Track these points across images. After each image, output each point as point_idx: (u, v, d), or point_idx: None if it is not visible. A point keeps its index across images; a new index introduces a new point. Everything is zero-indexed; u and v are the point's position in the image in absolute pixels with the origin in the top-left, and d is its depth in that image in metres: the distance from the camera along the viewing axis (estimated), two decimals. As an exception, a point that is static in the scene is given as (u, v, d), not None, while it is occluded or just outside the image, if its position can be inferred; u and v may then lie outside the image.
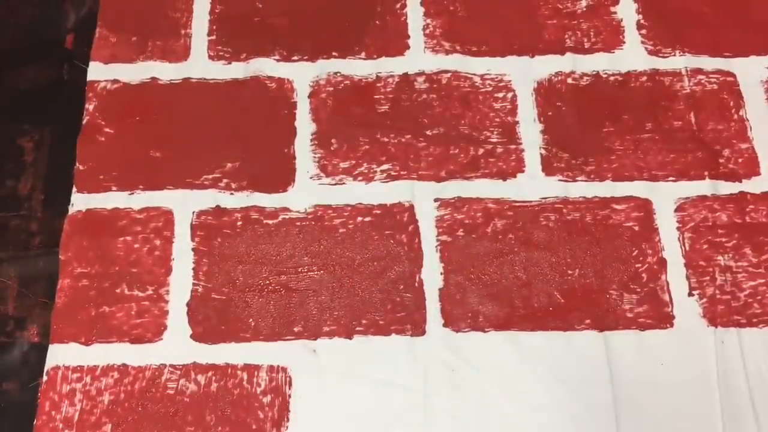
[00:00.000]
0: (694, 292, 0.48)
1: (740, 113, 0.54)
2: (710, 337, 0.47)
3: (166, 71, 0.56)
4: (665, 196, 0.51)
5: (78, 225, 0.51)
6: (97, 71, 0.56)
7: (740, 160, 0.53)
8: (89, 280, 0.49)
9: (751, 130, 0.54)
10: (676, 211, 0.51)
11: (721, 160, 0.53)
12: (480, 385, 0.46)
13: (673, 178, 0.52)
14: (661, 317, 0.48)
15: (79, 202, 0.51)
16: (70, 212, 0.51)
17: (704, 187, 0.52)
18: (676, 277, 0.49)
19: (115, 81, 0.55)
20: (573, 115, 0.54)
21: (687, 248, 0.50)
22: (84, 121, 0.54)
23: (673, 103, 0.54)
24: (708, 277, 0.49)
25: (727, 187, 0.52)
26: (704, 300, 0.48)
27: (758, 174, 0.52)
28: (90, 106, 0.54)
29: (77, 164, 0.52)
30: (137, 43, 0.57)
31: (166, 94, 0.55)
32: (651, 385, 0.45)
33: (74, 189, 0.52)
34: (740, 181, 0.52)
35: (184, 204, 0.51)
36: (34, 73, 0.56)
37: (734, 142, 0.53)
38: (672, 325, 0.48)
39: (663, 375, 0.46)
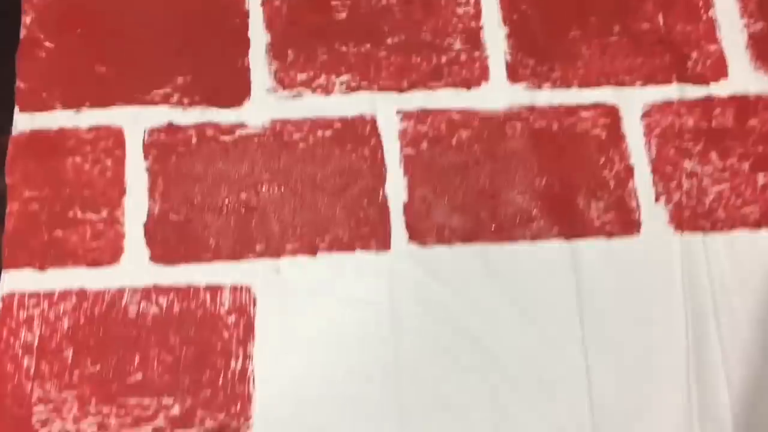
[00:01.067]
0: (660, 198, 0.48)
1: (709, 13, 0.53)
2: (676, 242, 0.47)
3: (107, -21, 0.52)
4: (632, 102, 0.50)
5: (23, 147, 0.48)
6: (33, -19, 0.52)
7: (708, 62, 0.52)
8: (39, 204, 0.47)
9: (719, 30, 0.52)
10: (642, 117, 0.50)
11: (688, 63, 0.51)
12: (446, 299, 0.46)
13: (641, 83, 0.51)
14: (628, 224, 0.48)
15: (23, 122, 0.49)
16: (13, 134, 0.48)
17: (671, 91, 0.51)
18: (643, 184, 0.48)
19: (53, -9, 0.52)
20: (538, 18, 0.52)
21: (654, 155, 0.49)
22: (22, 36, 0.50)
23: (642, 3, 0.53)
24: (674, 183, 0.49)
25: (694, 91, 0.51)
26: (670, 206, 0.48)
27: (725, 76, 0.51)
28: (27, 19, 0.51)
29: (18, 82, 0.49)
30: (74, -51, 0.53)
31: (109, 4, 0.51)
32: (617, 291, 0.45)
33: (16, 109, 0.49)
34: (707, 84, 0.51)
35: (135, 121, 0.49)
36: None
37: (702, 43, 0.52)
38: (639, 231, 0.47)
39: (629, 282, 0.46)
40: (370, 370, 0.44)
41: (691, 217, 0.48)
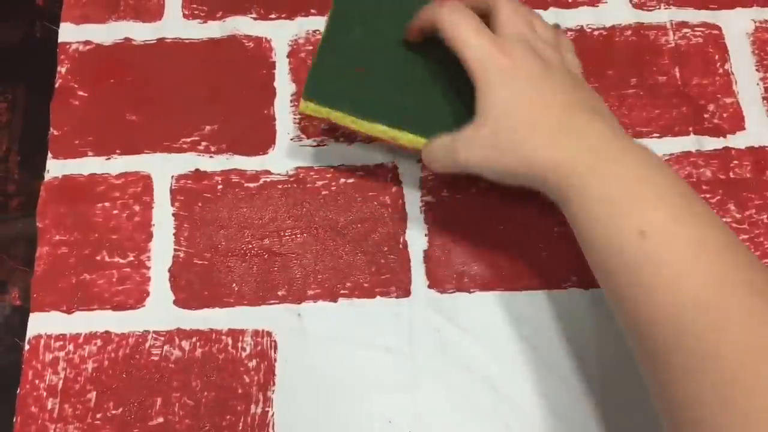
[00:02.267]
0: (678, 249, 0.48)
1: (725, 67, 0.54)
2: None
3: (139, 31, 0.54)
4: (650, 153, 0.51)
5: (54, 192, 0.49)
6: (69, 32, 0.54)
7: (725, 114, 0.52)
8: (68, 248, 0.48)
9: (736, 84, 0.53)
10: (660, 167, 0.51)
11: (705, 116, 0.52)
12: (466, 345, 0.46)
13: (658, 135, 0.52)
14: (645, 274, 0.48)
15: (55, 168, 0.50)
16: (45, 179, 0.50)
17: (689, 142, 0.51)
18: (661, 234, 0.49)
19: (88, 42, 0.54)
20: (557, 71, 0.53)
21: (672, 205, 0.50)
22: (57, 85, 0.52)
23: (658, 57, 0.54)
24: (692, 234, 0.49)
25: (711, 143, 0.52)
26: (689, 256, 0.48)
27: (743, 129, 0.52)
28: (62, 69, 0.53)
29: (51, 129, 0.51)
30: (109, 3, 0.55)
31: (140, 55, 0.53)
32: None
33: (49, 155, 0.50)
34: (725, 137, 0.52)
35: (163, 168, 0.50)
36: (5, 32, 0.54)
37: (719, 96, 0.53)
38: (656, 281, 0.48)
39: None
40: (390, 416, 0.44)
41: (710, 267, 0.48)
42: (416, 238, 0.49)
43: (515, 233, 0.49)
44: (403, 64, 0.45)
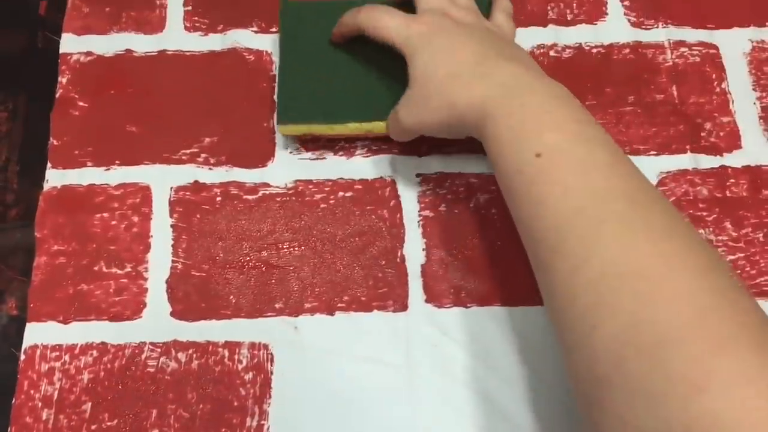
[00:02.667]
0: (675, 267, 0.49)
1: (722, 86, 0.54)
2: (691, 311, 0.47)
3: (141, 43, 0.54)
4: (647, 170, 0.50)
5: (53, 202, 0.50)
6: (70, 43, 0.54)
7: (722, 133, 0.53)
8: (66, 258, 0.48)
9: (733, 103, 0.54)
10: (657, 185, 0.51)
11: (702, 134, 0.53)
12: (463, 360, 0.46)
13: (655, 152, 0.52)
14: (642, 291, 0.48)
15: (54, 178, 0.50)
16: (44, 188, 0.50)
17: (686, 161, 0.52)
18: (658, 251, 0.49)
19: (89, 53, 0.54)
20: (555, 88, 0.54)
21: (668, 222, 0.50)
22: (57, 95, 0.52)
23: (656, 76, 0.54)
24: (689, 251, 0.49)
25: (708, 161, 0.52)
26: (685, 274, 0.48)
27: (739, 147, 0.52)
28: (63, 80, 0.53)
29: (51, 139, 0.51)
30: (111, 14, 0.55)
31: (141, 67, 0.54)
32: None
33: (49, 165, 0.50)
34: (721, 155, 0.52)
35: (162, 179, 0.50)
36: (7, 41, 0.54)
37: (716, 115, 0.53)
38: (653, 298, 0.48)
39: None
40: (386, 429, 0.44)
41: (706, 285, 0.48)
42: (414, 253, 0.49)
43: (513, 248, 0.49)
44: (356, 62, 0.50)
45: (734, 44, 0.55)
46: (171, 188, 0.50)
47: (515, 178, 0.39)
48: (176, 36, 0.55)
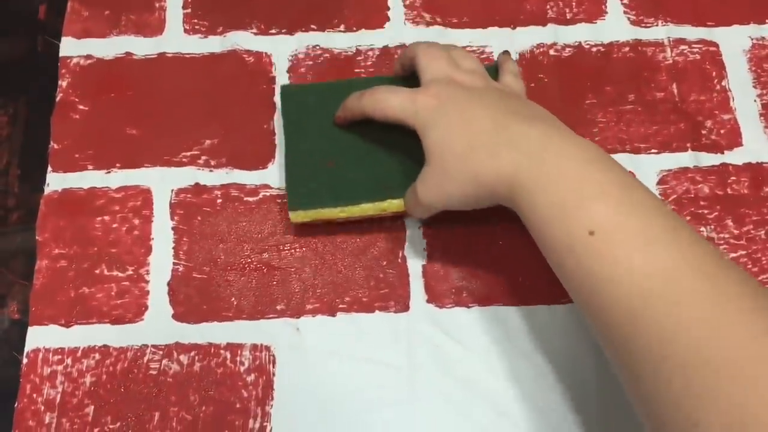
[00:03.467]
0: (676, 265, 0.48)
1: (723, 84, 0.54)
2: (693, 309, 0.47)
3: (140, 46, 0.54)
4: (648, 168, 0.51)
5: (54, 205, 0.50)
6: (70, 47, 0.54)
7: (722, 131, 0.53)
8: (67, 261, 0.48)
9: (733, 100, 0.54)
10: (658, 183, 0.51)
11: (703, 132, 0.53)
12: (464, 360, 0.46)
13: (656, 150, 0.52)
14: (643, 290, 0.48)
15: (55, 181, 0.50)
16: (45, 192, 0.50)
17: (686, 158, 0.52)
18: (659, 249, 0.49)
19: (89, 56, 0.54)
20: (555, 87, 0.54)
21: (669, 220, 0.50)
22: (57, 99, 0.53)
23: (656, 74, 0.54)
24: (690, 250, 0.49)
25: (709, 159, 0.52)
26: (687, 272, 0.48)
27: (740, 145, 0.52)
28: (63, 83, 0.53)
29: (52, 143, 0.51)
30: (110, 17, 0.55)
31: (141, 70, 0.54)
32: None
33: (49, 168, 0.50)
34: (722, 153, 0.52)
35: (163, 182, 0.50)
36: (7, 46, 0.54)
37: (716, 113, 0.53)
38: (655, 297, 0.48)
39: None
40: (387, 430, 0.44)
41: (708, 283, 0.48)
42: (415, 253, 0.49)
43: (514, 248, 0.49)
44: (363, 140, 0.48)
45: (734, 41, 0.55)
46: (172, 191, 0.50)
47: (567, 256, 0.37)
48: (176, 38, 0.55)
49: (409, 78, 0.48)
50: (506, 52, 0.50)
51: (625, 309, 0.34)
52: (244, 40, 0.55)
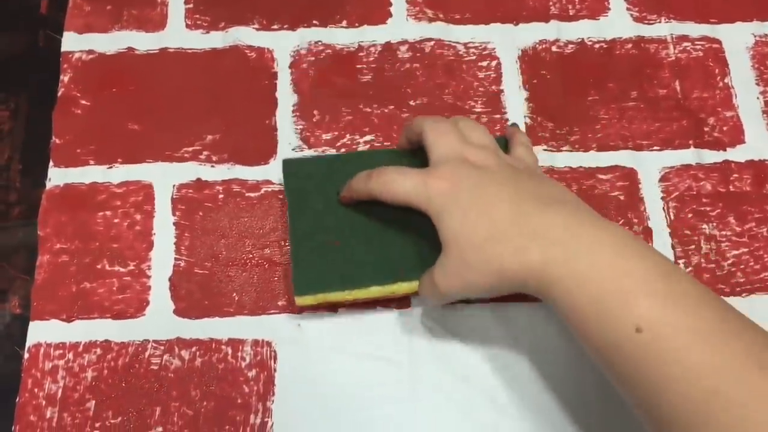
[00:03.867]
0: (679, 261, 0.49)
1: (725, 81, 0.54)
2: (695, 306, 0.47)
3: (142, 41, 0.54)
4: (650, 166, 0.51)
5: (56, 200, 0.50)
6: (72, 41, 0.54)
7: (725, 128, 0.52)
8: (69, 256, 0.48)
9: (736, 97, 0.53)
10: (660, 180, 0.51)
11: (705, 129, 0.52)
12: (465, 357, 0.46)
13: (658, 147, 0.52)
14: (645, 287, 0.48)
15: (57, 176, 0.50)
16: (47, 187, 0.50)
17: (689, 155, 0.52)
18: (662, 246, 0.49)
19: (91, 51, 0.54)
20: (558, 83, 0.54)
21: (672, 217, 0.50)
22: (59, 94, 0.53)
23: (658, 70, 0.54)
24: (693, 246, 0.49)
25: (711, 156, 0.52)
26: (689, 269, 0.48)
27: (742, 142, 0.52)
28: (65, 78, 0.53)
29: (53, 138, 0.51)
30: (112, 12, 0.55)
31: (143, 65, 0.54)
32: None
33: (51, 163, 0.50)
34: (725, 150, 0.52)
35: (164, 177, 0.50)
36: (9, 40, 0.54)
37: (719, 110, 0.53)
38: (656, 294, 0.48)
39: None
40: (388, 426, 0.44)
41: (710, 280, 0.48)
42: (417, 249, 0.49)
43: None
44: (371, 219, 0.45)
45: (737, 38, 0.55)
46: (173, 186, 0.50)
47: (613, 353, 0.35)
48: (178, 34, 0.55)
49: (416, 151, 0.45)
50: (515, 125, 0.49)
51: (683, 412, 0.33)
52: (246, 35, 0.55)
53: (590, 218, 0.39)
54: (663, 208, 0.50)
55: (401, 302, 0.47)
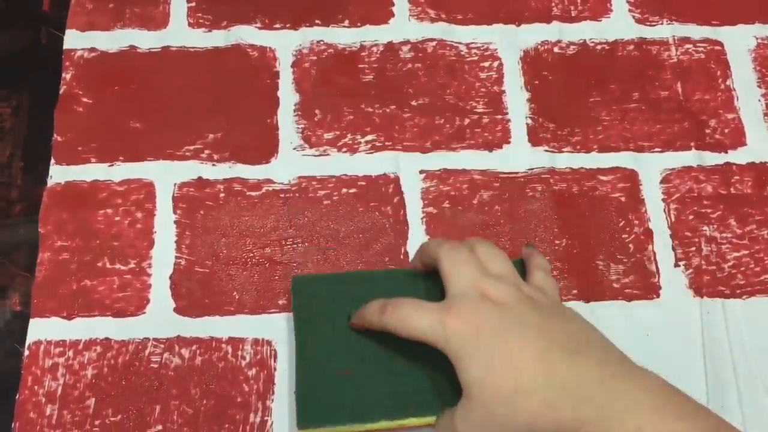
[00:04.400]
0: (680, 263, 0.49)
1: (727, 83, 0.54)
2: (696, 307, 0.47)
3: (144, 39, 0.54)
4: (651, 167, 0.51)
5: (57, 198, 0.50)
6: (74, 39, 0.54)
7: (726, 130, 0.52)
8: (70, 254, 0.48)
9: (737, 100, 0.53)
10: (661, 182, 0.51)
11: (707, 131, 0.52)
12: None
13: (659, 149, 0.52)
14: (647, 288, 0.48)
15: (58, 174, 0.50)
16: (48, 184, 0.50)
17: (690, 157, 0.52)
18: (663, 248, 0.49)
19: (93, 49, 0.54)
20: (559, 84, 0.54)
21: (673, 219, 0.50)
22: (61, 91, 0.53)
23: (660, 72, 0.54)
24: (694, 248, 0.49)
25: (712, 158, 0.52)
26: (690, 271, 0.48)
27: (744, 144, 0.52)
28: (67, 76, 0.53)
29: (55, 135, 0.51)
30: (114, 10, 0.55)
31: (145, 63, 0.54)
32: (637, 355, 0.45)
33: (52, 161, 0.50)
34: (726, 152, 0.52)
35: (166, 176, 0.50)
36: (11, 37, 0.54)
37: (721, 112, 0.53)
38: (658, 295, 0.48)
39: (649, 345, 0.46)
40: (388, 427, 0.44)
41: (710, 282, 0.48)
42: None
43: (516, 246, 0.49)
44: (383, 350, 0.43)
45: (739, 41, 0.55)
46: (174, 184, 0.50)
47: None
48: (180, 32, 0.55)
49: (431, 273, 0.43)
50: (531, 246, 0.47)
51: None
52: (248, 34, 0.55)
53: (621, 367, 0.37)
54: (664, 209, 0.50)
55: (402, 302, 0.47)
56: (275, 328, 0.46)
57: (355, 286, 0.45)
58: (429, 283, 0.43)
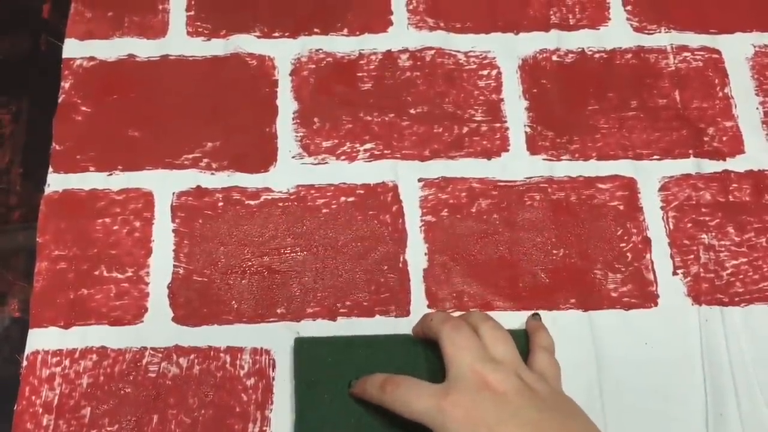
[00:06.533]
0: (678, 271, 0.48)
1: (725, 91, 0.54)
2: (694, 315, 0.47)
3: (143, 48, 0.54)
4: (650, 175, 0.51)
5: (55, 206, 0.50)
6: (73, 48, 0.54)
7: (724, 138, 0.53)
8: (67, 263, 0.48)
9: (735, 107, 0.53)
10: (660, 190, 0.51)
11: (705, 139, 0.53)
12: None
13: (658, 157, 0.52)
14: (645, 296, 0.48)
15: (56, 182, 0.50)
16: (46, 193, 0.50)
17: (688, 165, 0.52)
18: (661, 256, 0.49)
19: (92, 58, 0.54)
20: (558, 92, 0.54)
21: (671, 227, 0.50)
22: (60, 100, 0.53)
23: (658, 80, 0.54)
24: (692, 256, 0.49)
25: (711, 166, 0.52)
26: (688, 279, 0.48)
27: (742, 152, 0.52)
28: (66, 84, 0.53)
29: (54, 144, 0.51)
30: (113, 19, 0.55)
31: (143, 72, 0.54)
32: (636, 363, 0.45)
33: (50, 169, 0.50)
34: (724, 160, 0.52)
35: (164, 185, 0.50)
36: (10, 43, 0.55)
37: (719, 120, 0.53)
38: (656, 304, 0.48)
39: (648, 354, 0.46)
40: (387, 436, 0.44)
41: (709, 290, 0.48)
42: (416, 257, 0.49)
43: (515, 254, 0.49)
44: (379, 423, 0.43)
45: (737, 49, 0.55)
46: (173, 193, 0.50)
47: None
48: (179, 41, 0.55)
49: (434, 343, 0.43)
50: (537, 315, 0.46)
51: None
52: (246, 43, 0.55)
53: None
54: (662, 217, 0.50)
55: (400, 310, 0.47)
56: (274, 338, 0.46)
57: (357, 351, 0.45)
58: (429, 353, 0.43)
